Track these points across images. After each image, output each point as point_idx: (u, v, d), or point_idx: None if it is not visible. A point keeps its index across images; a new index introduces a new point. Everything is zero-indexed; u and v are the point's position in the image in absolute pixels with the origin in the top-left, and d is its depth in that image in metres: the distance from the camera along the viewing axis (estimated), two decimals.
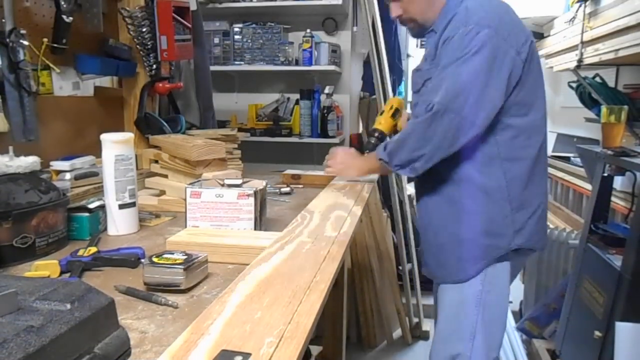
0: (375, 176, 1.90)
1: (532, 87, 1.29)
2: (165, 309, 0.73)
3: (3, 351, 0.35)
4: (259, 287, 0.76)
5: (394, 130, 1.62)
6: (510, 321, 2.43)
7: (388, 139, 1.61)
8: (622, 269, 1.63)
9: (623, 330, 1.56)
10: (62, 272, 0.86)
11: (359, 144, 2.99)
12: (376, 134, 1.61)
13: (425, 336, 2.68)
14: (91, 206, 1.09)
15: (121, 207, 1.10)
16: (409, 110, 1.68)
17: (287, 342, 0.59)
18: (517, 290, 2.70)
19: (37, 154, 1.08)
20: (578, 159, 2.65)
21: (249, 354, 0.56)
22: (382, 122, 1.63)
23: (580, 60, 2.40)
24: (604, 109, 1.88)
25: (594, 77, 2.42)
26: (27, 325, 0.39)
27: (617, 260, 1.70)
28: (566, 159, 3.06)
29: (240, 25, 3.05)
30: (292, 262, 0.86)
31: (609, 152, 1.82)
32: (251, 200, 1.05)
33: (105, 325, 0.46)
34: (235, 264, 0.91)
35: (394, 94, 2.75)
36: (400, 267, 2.73)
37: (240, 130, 2.21)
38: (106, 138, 1.09)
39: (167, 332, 0.66)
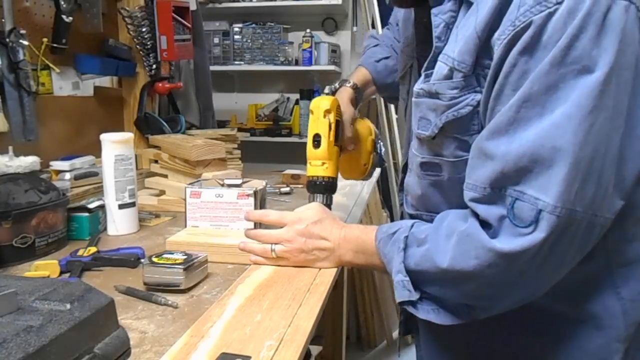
0: (375, 175, 1.89)
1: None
2: (165, 308, 0.73)
3: (3, 351, 0.35)
4: (258, 290, 0.76)
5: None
6: None
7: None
8: None
9: None
10: (62, 272, 0.86)
11: None
12: (316, 188, 0.97)
13: None
14: (91, 206, 1.08)
15: (121, 207, 1.10)
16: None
17: (287, 345, 0.59)
18: None
19: (36, 154, 1.08)
20: None
21: (249, 357, 0.56)
22: (328, 162, 0.96)
23: None
24: None
25: None
26: (27, 325, 0.39)
27: None
28: None
29: (240, 25, 3.05)
30: (292, 265, 0.86)
31: None
32: (251, 200, 1.05)
33: (105, 325, 0.46)
34: (235, 264, 0.91)
35: None
36: None
37: (240, 130, 2.21)
38: (106, 138, 1.09)
39: (167, 332, 0.66)
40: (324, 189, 0.97)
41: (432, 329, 0.81)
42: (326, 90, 1.10)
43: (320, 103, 0.96)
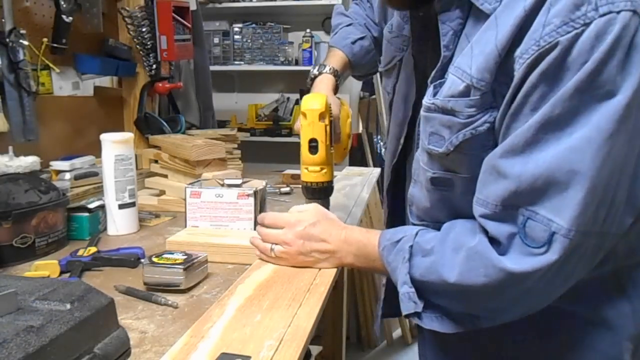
0: (375, 175, 1.89)
1: None
2: (165, 308, 0.73)
3: (3, 351, 0.35)
4: (258, 290, 0.76)
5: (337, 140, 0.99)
6: None
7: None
8: None
9: None
10: (62, 272, 0.86)
11: (359, 145, 2.99)
12: (315, 194, 0.96)
13: None
14: (91, 206, 1.08)
15: (121, 207, 1.10)
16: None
17: (287, 345, 0.59)
18: None
19: (36, 154, 1.08)
20: None
21: (248, 357, 0.56)
22: (326, 167, 0.94)
23: None
24: None
25: None
26: (27, 325, 0.39)
27: None
28: None
29: (240, 25, 3.05)
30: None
31: None
32: (251, 200, 1.05)
33: (105, 325, 0.46)
34: (235, 264, 0.91)
35: None
36: None
37: (240, 130, 2.21)
38: (106, 138, 1.09)
39: (167, 332, 0.66)
40: (323, 194, 0.96)
41: (439, 337, 0.80)
42: (308, 79, 1.08)
43: (313, 105, 0.91)
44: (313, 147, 0.92)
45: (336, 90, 1.05)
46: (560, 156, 0.56)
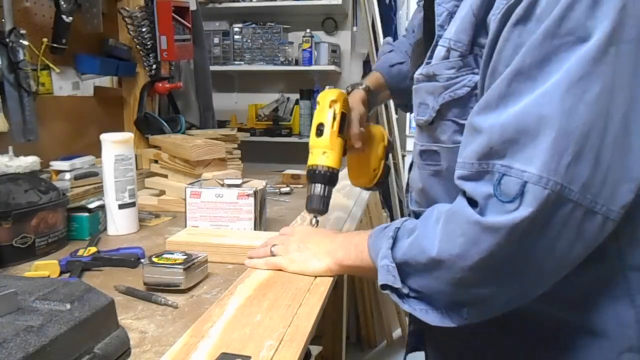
0: None
1: None
2: (165, 309, 0.73)
3: (3, 351, 0.35)
4: (258, 290, 0.76)
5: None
6: None
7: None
8: None
9: None
10: (62, 272, 0.86)
11: None
12: (316, 177, 0.92)
13: None
14: (91, 206, 1.08)
15: (121, 207, 1.10)
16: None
17: (287, 345, 0.59)
18: None
19: (36, 154, 1.08)
20: None
21: (248, 357, 0.56)
22: (329, 152, 0.92)
23: None
24: None
25: None
26: (27, 325, 0.39)
27: None
28: None
29: (240, 25, 3.05)
30: None
31: None
32: (251, 200, 1.05)
33: (105, 325, 0.46)
34: (235, 264, 0.91)
35: None
36: None
37: (240, 130, 2.21)
38: (106, 138, 1.09)
39: (167, 332, 0.66)
40: (324, 178, 0.92)
41: (439, 342, 0.80)
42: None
43: (327, 94, 0.93)
44: (320, 130, 0.92)
45: (368, 105, 1.05)
46: (530, 103, 0.55)
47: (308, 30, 2.90)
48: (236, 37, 3.03)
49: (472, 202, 0.60)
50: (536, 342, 0.68)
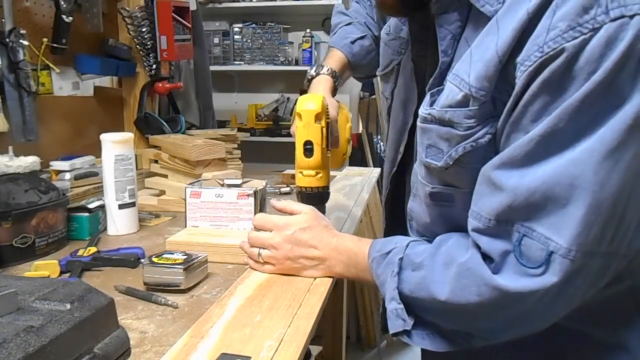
0: (375, 175, 1.89)
1: None
2: (165, 309, 0.73)
3: (3, 351, 0.35)
4: (258, 290, 0.76)
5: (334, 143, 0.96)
6: None
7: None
8: None
9: None
10: (62, 272, 0.86)
11: (359, 145, 2.98)
12: (310, 200, 0.91)
13: None
14: (91, 206, 1.08)
15: (121, 207, 1.10)
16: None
17: (287, 345, 0.59)
18: None
19: (36, 154, 1.08)
20: None
21: (248, 357, 0.56)
22: (321, 171, 0.90)
23: None
24: None
25: None
26: (27, 325, 0.39)
27: None
28: None
29: (240, 25, 3.05)
30: None
31: None
32: (251, 200, 1.05)
33: (105, 325, 0.46)
34: (235, 264, 0.91)
35: None
36: None
37: (240, 130, 2.21)
38: (106, 138, 1.09)
39: (167, 332, 0.66)
40: (319, 199, 0.92)
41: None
42: (305, 81, 1.04)
43: (308, 105, 0.87)
44: (308, 149, 0.88)
45: (334, 92, 1.02)
46: (560, 170, 0.52)
47: (308, 30, 2.90)
48: (236, 37, 3.04)
49: (486, 257, 0.58)
50: (550, 355, 0.67)
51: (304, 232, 0.80)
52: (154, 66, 1.73)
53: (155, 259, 0.80)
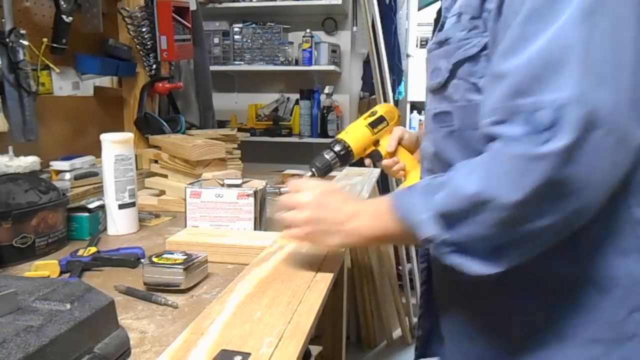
0: (375, 175, 1.89)
1: None
2: (165, 308, 0.73)
3: (3, 351, 0.35)
4: (258, 287, 0.76)
5: (371, 151, 1.07)
6: None
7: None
8: None
9: None
10: (62, 272, 0.86)
11: None
12: (336, 148, 1.02)
13: None
14: (91, 206, 1.09)
15: (121, 207, 1.10)
16: (412, 126, 1.12)
17: (287, 341, 0.59)
18: None
19: (36, 154, 1.08)
20: None
21: (248, 354, 0.56)
22: (351, 131, 1.05)
23: None
24: None
25: None
26: (27, 325, 0.39)
27: None
28: None
29: (240, 25, 3.05)
30: (292, 262, 0.86)
31: None
32: (251, 200, 1.05)
33: (105, 325, 0.46)
34: (235, 264, 0.91)
35: (394, 95, 2.74)
36: (400, 267, 2.74)
37: (240, 130, 2.21)
38: (106, 138, 1.09)
39: (167, 332, 0.66)
40: (337, 147, 1.03)
41: (453, 321, 0.77)
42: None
43: (384, 106, 1.10)
44: (372, 125, 1.06)
45: (415, 143, 1.11)
46: (550, 38, 0.56)
47: (308, 30, 2.90)
48: (236, 37, 3.03)
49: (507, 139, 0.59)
50: (549, 300, 0.67)
51: (322, 195, 0.77)
52: (154, 66, 1.73)
53: (155, 259, 0.80)
